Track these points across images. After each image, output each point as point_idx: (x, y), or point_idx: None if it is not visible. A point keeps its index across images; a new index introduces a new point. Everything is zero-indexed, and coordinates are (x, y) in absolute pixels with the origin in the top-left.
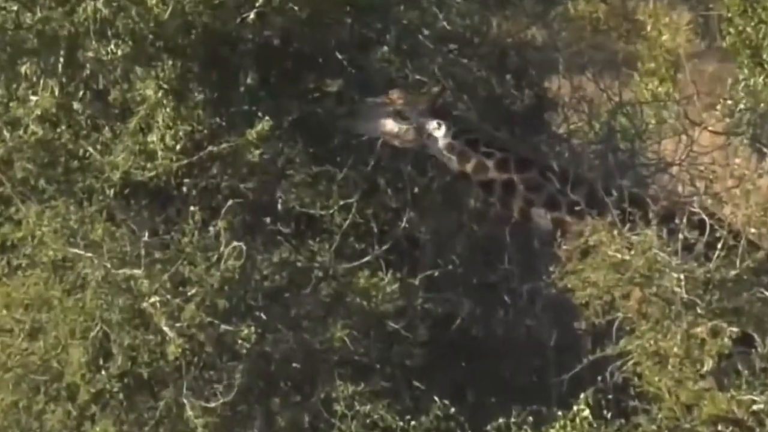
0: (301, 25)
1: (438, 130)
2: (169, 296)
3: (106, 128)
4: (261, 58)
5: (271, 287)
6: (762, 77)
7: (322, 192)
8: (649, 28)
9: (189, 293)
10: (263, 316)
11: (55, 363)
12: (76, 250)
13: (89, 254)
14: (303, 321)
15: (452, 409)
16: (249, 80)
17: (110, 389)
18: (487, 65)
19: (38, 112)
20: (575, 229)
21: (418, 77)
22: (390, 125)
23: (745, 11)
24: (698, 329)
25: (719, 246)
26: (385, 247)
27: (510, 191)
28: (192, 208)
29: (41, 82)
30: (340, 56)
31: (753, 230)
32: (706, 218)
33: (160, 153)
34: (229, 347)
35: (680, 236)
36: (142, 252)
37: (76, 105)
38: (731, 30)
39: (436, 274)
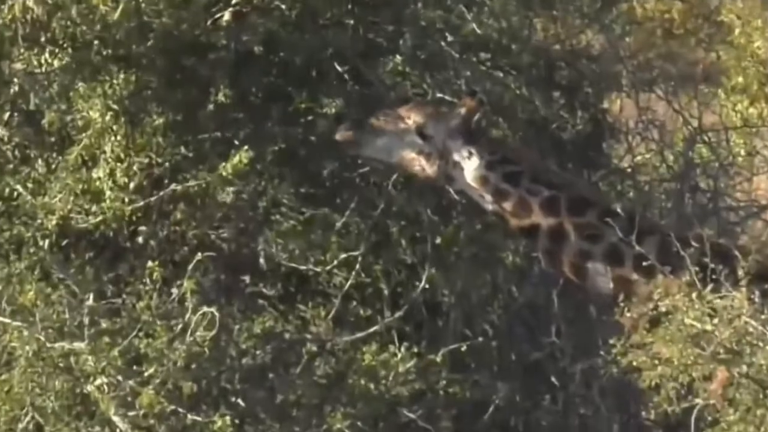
0: (290, 27)
1: (469, 159)
2: (120, 377)
3: (39, 161)
4: (238, 71)
5: (251, 365)
6: None
7: (317, 243)
8: (736, 32)
9: (146, 373)
10: (241, 403)
11: None
12: (0, 318)
13: (17, 323)
14: (293, 409)
15: None
16: (222, 98)
17: None
18: (530, 80)
19: None
20: (643, 290)
21: (440, 95)
22: (406, 150)
23: None
24: None
25: None
26: (398, 315)
27: (559, 240)
28: (150, 263)
29: None
30: (339, 68)
31: None
32: None
33: (108, 193)
34: None
35: None
36: (86, 320)
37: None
38: None
39: (464, 348)
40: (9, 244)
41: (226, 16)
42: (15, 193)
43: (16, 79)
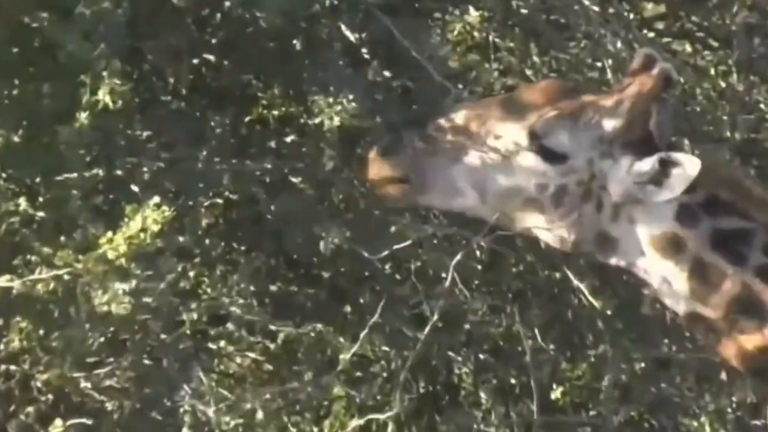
0: None
1: (647, 198)
2: None
3: None
4: (134, 37)
5: None
6: None
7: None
8: None
9: None
10: None
11: None
12: None
13: None
14: None
15: None
16: (105, 98)
17: None
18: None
19: None
20: None
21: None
22: (509, 186)
23: None
24: None
25: None
26: None
27: None
28: None
29: None
30: (350, 34)
31: None
32: None
33: None
34: None
35: None
36: None
37: None
38: None
39: None
40: None
41: None
42: None
43: None
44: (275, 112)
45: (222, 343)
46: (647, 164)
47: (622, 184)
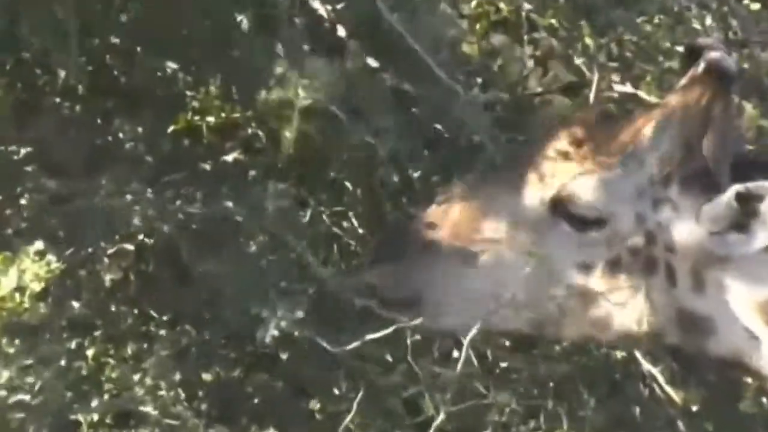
0: None
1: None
2: None
3: None
4: None
5: None
6: None
7: None
8: None
9: None
10: None
11: None
12: None
13: None
14: None
15: None
16: None
17: None
18: None
19: None
20: None
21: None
22: (550, 281)
23: None
24: None
25: None
26: None
27: None
28: None
29: None
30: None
31: None
32: None
33: None
34: None
35: None
36: None
37: None
38: None
39: None
40: None
41: None
42: None
43: None
44: (211, 119)
45: None
46: (720, 205)
47: (694, 239)
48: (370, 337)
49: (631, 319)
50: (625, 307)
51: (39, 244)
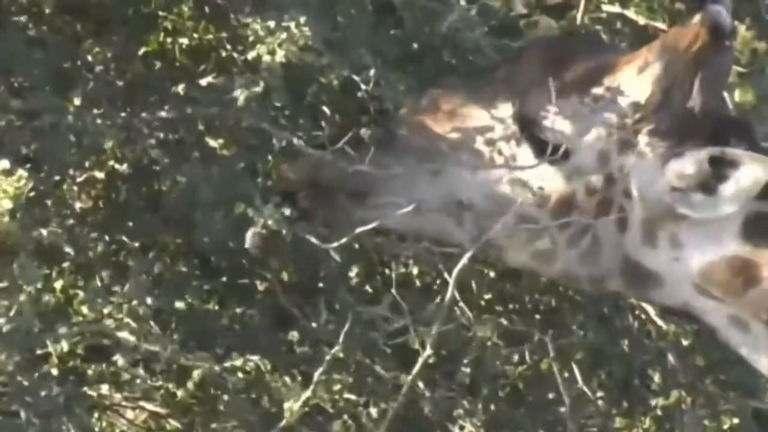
0: None
1: (718, 203)
2: None
3: None
4: None
5: None
6: None
7: None
8: None
9: None
10: None
11: None
12: None
13: None
14: None
15: None
16: None
17: None
18: None
19: None
20: None
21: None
22: (507, 179)
23: None
24: None
25: None
26: None
27: None
28: None
29: None
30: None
31: None
32: None
33: None
34: None
35: None
36: None
37: None
38: None
39: None
40: None
41: None
42: None
43: None
44: (183, 41)
45: (105, 388)
46: (690, 163)
47: (654, 191)
48: (360, 230)
49: (575, 260)
50: (569, 247)
51: (5, 163)
